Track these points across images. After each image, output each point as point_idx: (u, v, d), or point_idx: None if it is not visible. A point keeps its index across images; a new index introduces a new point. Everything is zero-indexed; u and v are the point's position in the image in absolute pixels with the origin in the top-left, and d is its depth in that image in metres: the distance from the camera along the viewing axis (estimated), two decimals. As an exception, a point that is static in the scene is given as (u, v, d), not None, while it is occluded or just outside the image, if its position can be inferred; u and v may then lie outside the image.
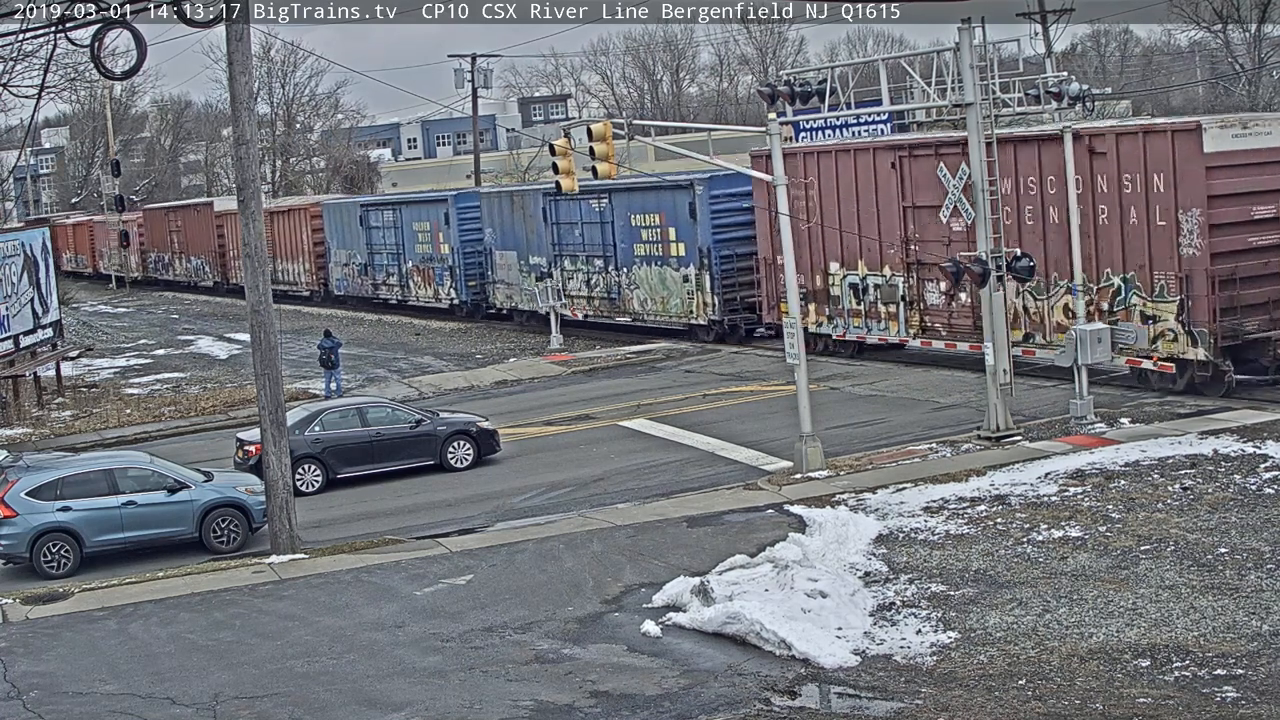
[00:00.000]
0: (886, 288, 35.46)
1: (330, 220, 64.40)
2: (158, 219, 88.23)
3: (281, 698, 16.74)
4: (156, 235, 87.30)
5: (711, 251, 41.35)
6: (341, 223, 63.15)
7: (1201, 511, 20.88)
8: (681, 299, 42.79)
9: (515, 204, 50.11)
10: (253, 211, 24.06)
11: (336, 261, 63.95)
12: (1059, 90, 26.80)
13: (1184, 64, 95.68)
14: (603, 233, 45.67)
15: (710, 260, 41.40)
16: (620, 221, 45.14)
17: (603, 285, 46.12)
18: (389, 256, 58.96)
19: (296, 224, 67.81)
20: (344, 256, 63.12)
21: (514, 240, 50.17)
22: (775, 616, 17.57)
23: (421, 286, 56.82)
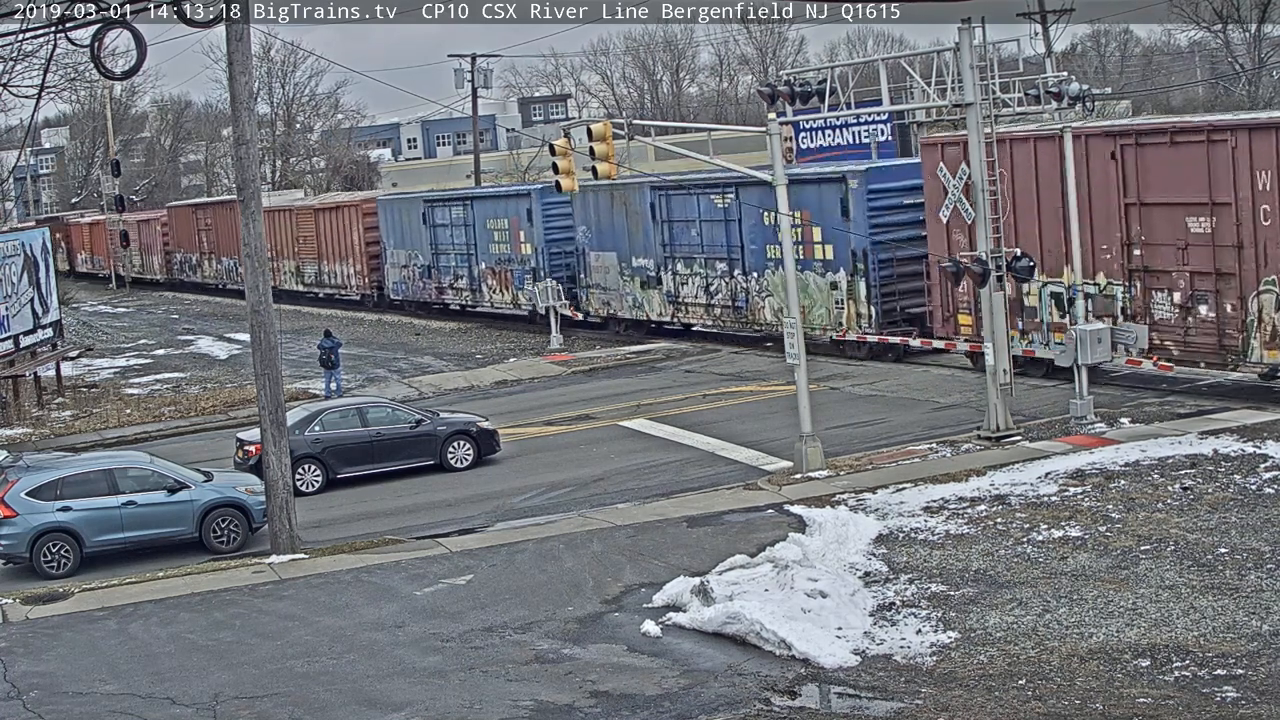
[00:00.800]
0: (1101, 299, 30.46)
1: (387, 217, 58.77)
2: (185, 217, 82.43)
3: (281, 698, 16.74)
4: (183, 234, 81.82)
5: (868, 255, 35.99)
6: (400, 220, 57.56)
7: (1201, 511, 20.88)
8: (828, 309, 37.32)
9: (616, 199, 44.82)
10: (253, 211, 24.06)
11: (393, 263, 58.27)
12: (1059, 90, 26.82)
13: (1184, 64, 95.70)
14: (727, 232, 40.42)
15: (867, 265, 36.09)
16: (750, 219, 39.47)
17: (725, 292, 40.82)
18: (457, 257, 53.47)
19: (346, 222, 62.06)
20: (402, 257, 57.54)
21: (613, 240, 45.12)
22: (775, 616, 17.57)
23: (496, 291, 51.48)
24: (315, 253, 64.98)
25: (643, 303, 44.18)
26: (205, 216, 78.52)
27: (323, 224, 63.67)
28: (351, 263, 62.10)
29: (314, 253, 65.06)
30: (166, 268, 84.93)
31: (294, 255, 67.53)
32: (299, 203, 69.98)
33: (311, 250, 65.26)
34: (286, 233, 67.12)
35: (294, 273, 67.20)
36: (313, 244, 64.95)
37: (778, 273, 37.70)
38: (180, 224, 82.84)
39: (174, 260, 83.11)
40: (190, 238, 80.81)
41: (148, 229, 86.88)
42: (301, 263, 66.51)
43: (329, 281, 64.05)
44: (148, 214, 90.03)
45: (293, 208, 68.29)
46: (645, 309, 44.02)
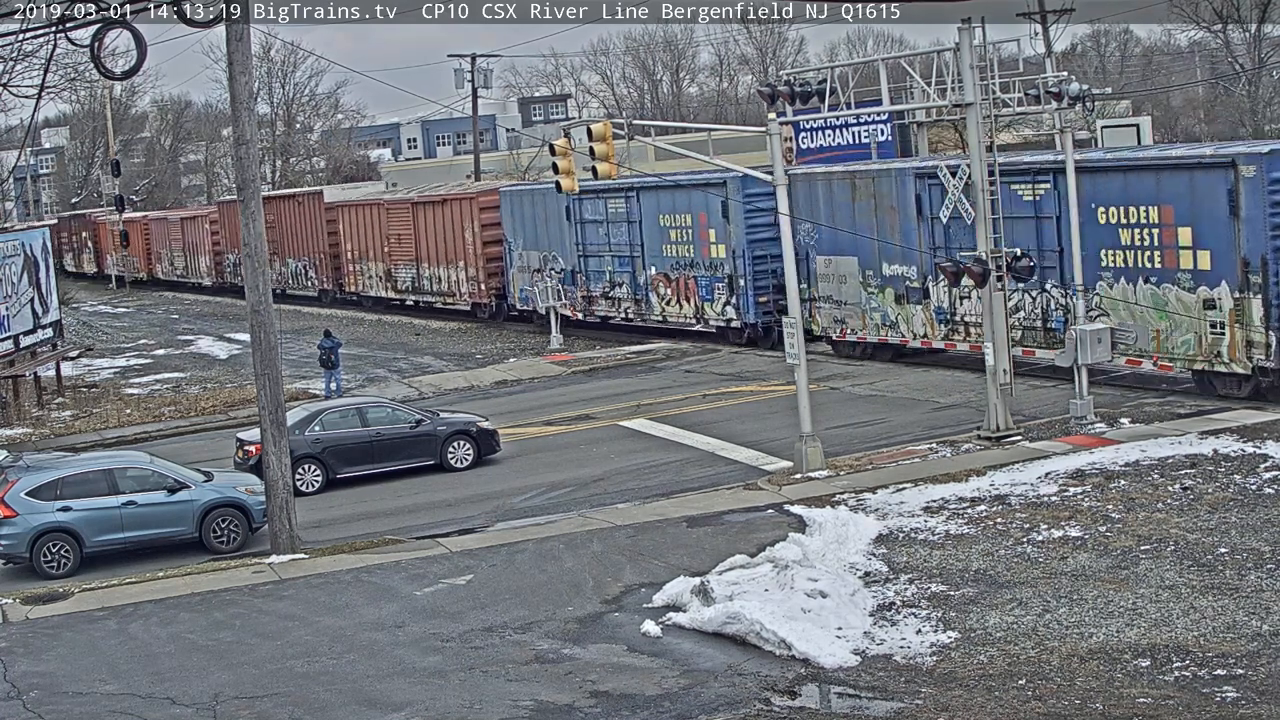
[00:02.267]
0: None
1: (513, 212, 50.42)
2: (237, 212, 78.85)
3: (281, 698, 16.74)
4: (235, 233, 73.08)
5: (1268, 264, 27.39)
6: (533, 215, 49.29)
7: (1201, 511, 20.88)
8: (1199, 335, 28.59)
9: (860, 188, 36.23)
10: (253, 211, 24.05)
11: (521, 266, 49.95)
12: (1059, 90, 26.82)
13: (1184, 64, 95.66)
14: (1039, 231, 31.53)
15: (1266, 277, 27.41)
16: (1077, 215, 29.62)
17: (1029, 307, 32.16)
18: (615, 260, 45.20)
19: (457, 218, 53.52)
20: (534, 259, 49.11)
21: (852, 240, 36.43)
22: (775, 616, 17.57)
23: (672, 301, 43.24)
24: (412, 254, 56.72)
25: (897, 321, 35.46)
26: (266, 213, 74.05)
27: (424, 220, 55.38)
28: (463, 266, 53.37)
29: (410, 254, 56.88)
30: (216, 270, 76.02)
31: (384, 257, 59.23)
32: (391, 196, 62.46)
33: (407, 252, 57.09)
34: (373, 231, 59.52)
35: (382, 277, 59.37)
36: (409, 244, 56.80)
37: (1120, 284, 29.92)
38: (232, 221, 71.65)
39: (223, 263, 74.25)
40: None
41: (193, 227, 79.11)
42: (394, 266, 58.31)
43: (431, 288, 55.40)
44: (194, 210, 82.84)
45: (381, 202, 60.54)
46: (901, 329, 35.33)
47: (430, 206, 55.33)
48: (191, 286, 79.28)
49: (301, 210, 66.55)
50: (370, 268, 60.45)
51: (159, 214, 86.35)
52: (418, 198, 57.06)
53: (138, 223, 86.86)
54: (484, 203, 52.08)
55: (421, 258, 56.03)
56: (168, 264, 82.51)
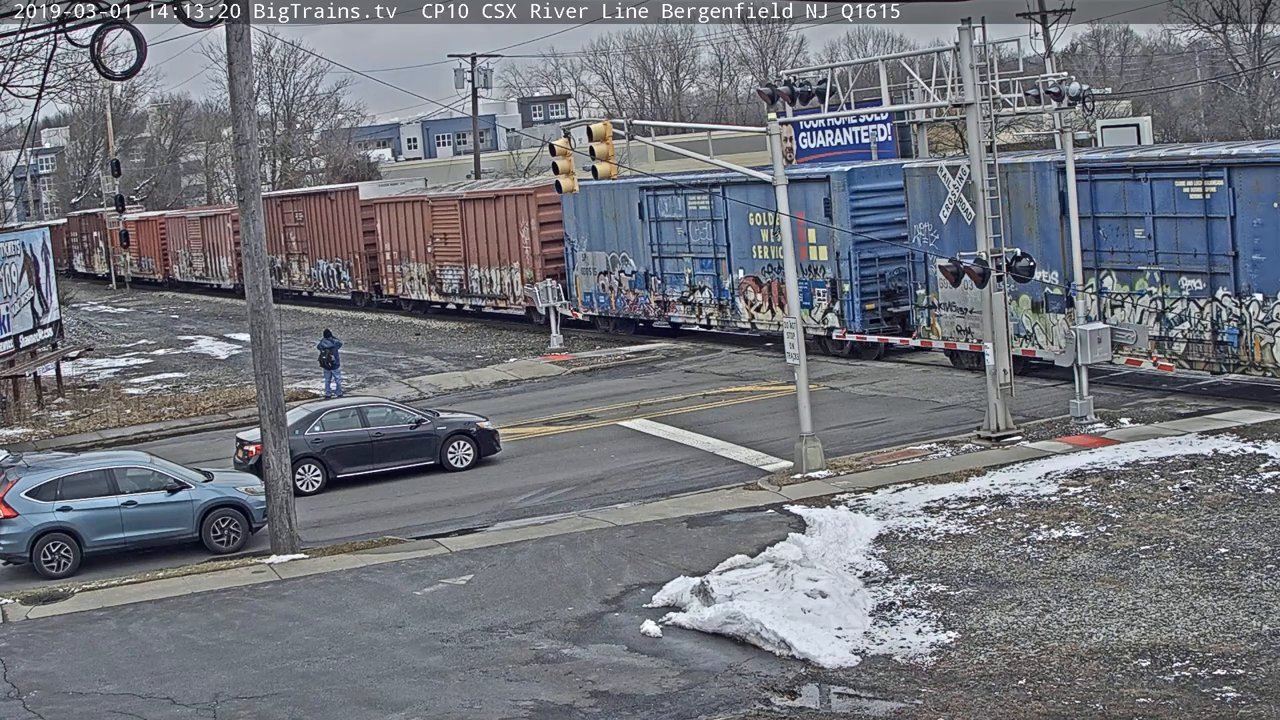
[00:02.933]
0: None
1: (577, 209, 46.41)
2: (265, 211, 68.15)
3: (281, 698, 16.74)
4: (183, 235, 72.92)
5: None
6: (599, 213, 45.58)
7: (1201, 511, 20.88)
8: None
9: None
10: (253, 211, 24.01)
11: (586, 267, 46.44)
12: (1059, 90, 26.84)
13: (1184, 64, 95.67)
14: (1209, 233, 28.12)
15: None
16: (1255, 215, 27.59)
17: (1197, 320, 28.59)
18: (696, 262, 41.59)
19: (511, 215, 49.44)
20: (600, 261, 45.75)
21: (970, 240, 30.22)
22: (775, 616, 17.57)
23: (762, 307, 39.71)
24: (459, 255, 52.82)
25: (1033, 331, 31.94)
26: (295, 210, 66.27)
27: (474, 218, 51.43)
28: (518, 268, 49.37)
29: (457, 255, 53.00)
30: (238, 272, 69.37)
31: (426, 258, 55.14)
32: (436, 193, 57.24)
33: (454, 252, 53.16)
34: (415, 229, 55.49)
35: (426, 279, 55.35)
36: (457, 243, 52.92)
37: None
38: None
39: None
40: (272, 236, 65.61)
41: (215, 226, 75.21)
42: (439, 267, 54.29)
43: (480, 290, 51.68)
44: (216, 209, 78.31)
45: (424, 198, 55.91)
46: (1037, 339, 31.81)
47: (481, 203, 50.93)
48: (211, 289, 75.88)
49: (334, 208, 62.40)
50: (412, 268, 56.31)
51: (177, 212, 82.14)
52: (466, 194, 52.72)
53: (153, 222, 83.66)
54: (544, 199, 47.59)
55: (470, 258, 52.03)
56: (185, 265, 78.65)
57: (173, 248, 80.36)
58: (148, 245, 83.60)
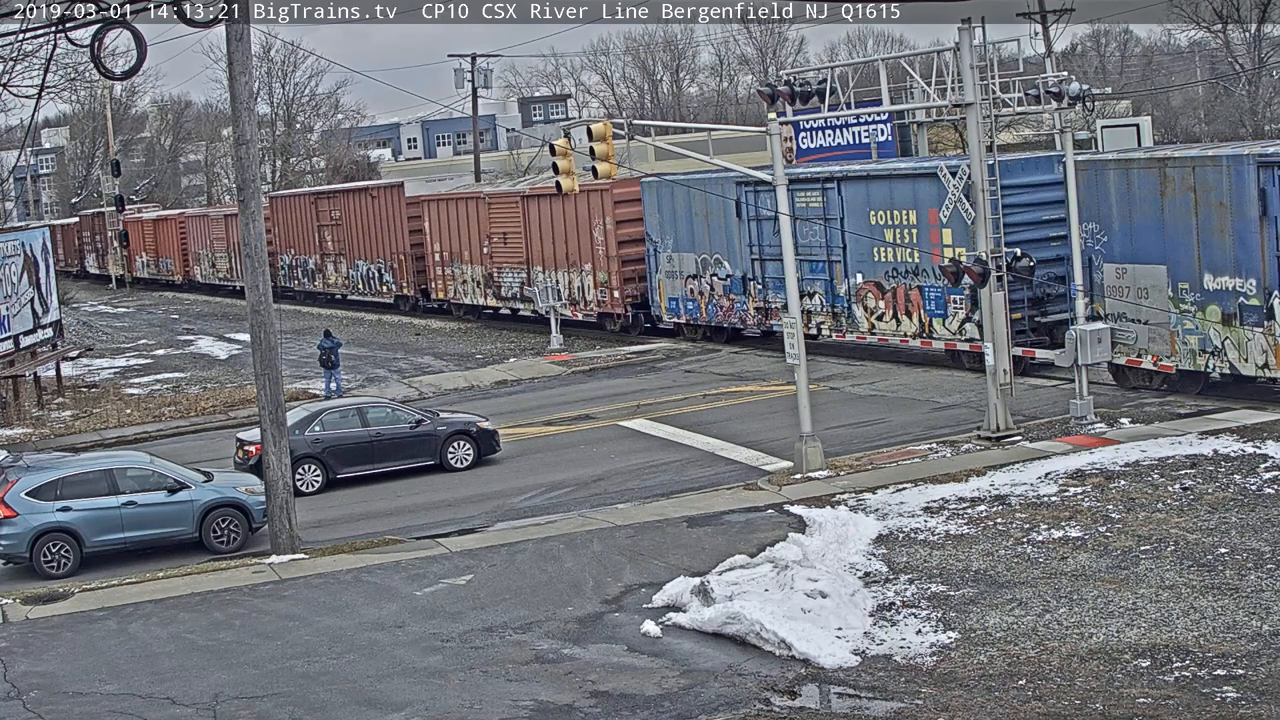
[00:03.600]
0: None
1: (660, 207, 42.48)
2: (298, 208, 64.86)
3: (281, 698, 16.75)
4: (294, 231, 65.43)
5: None
6: (688, 210, 41.46)
7: (1201, 511, 20.88)
8: None
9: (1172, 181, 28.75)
10: (253, 211, 24.01)
11: (671, 270, 42.49)
12: (1059, 90, 26.84)
13: (1184, 64, 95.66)
14: None
15: None
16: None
17: None
18: (804, 265, 36.78)
19: (583, 214, 45.47)
20: (688, 263, 41.86)
21: (1158, 245, 29.00)
22: (775, 616, 17.57)
23: (885, 315, 35.57)
24: (522, 256, 49.04)
25: (1223, 346, 28.22)
26: (331, 207, 62.15)
27: (538, 216, 47.60)
28: (589, 271, 45.73)
29: (519, 256, 49.22)
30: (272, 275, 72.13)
31: (482, 259, 51.24)
32: (494, 189, 53.21)
33: (515, 253, 49.32)
34: (469, 229, 51.83)
35: (482, 282, 51.56)
36: (519, 244, 49.13)
37: None
38: (289, 218, 65.89)
39: (279, 265, 65.79)
40: (305, 235, 64.04)
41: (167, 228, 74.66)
42: (496, 270, 50.56)
43: (546, 296, 47.58)
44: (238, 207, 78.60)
45: (480, 195, 51.78)
46: (1229, 356, 28.08)
47: (547, 200, 46.65)
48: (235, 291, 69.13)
49: (376, 205, 58.25)
50: (466, 271, 52.38)
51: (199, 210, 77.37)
52: (530, 189, 48.50)
53: (173, 220, 79.94)
54: (621, 195, 43.78)
55: (534, 260, 48.17)
56: (208, 266, 74.51)
57: (194, 248, 76.51)
58: (166, 245, 79.70)
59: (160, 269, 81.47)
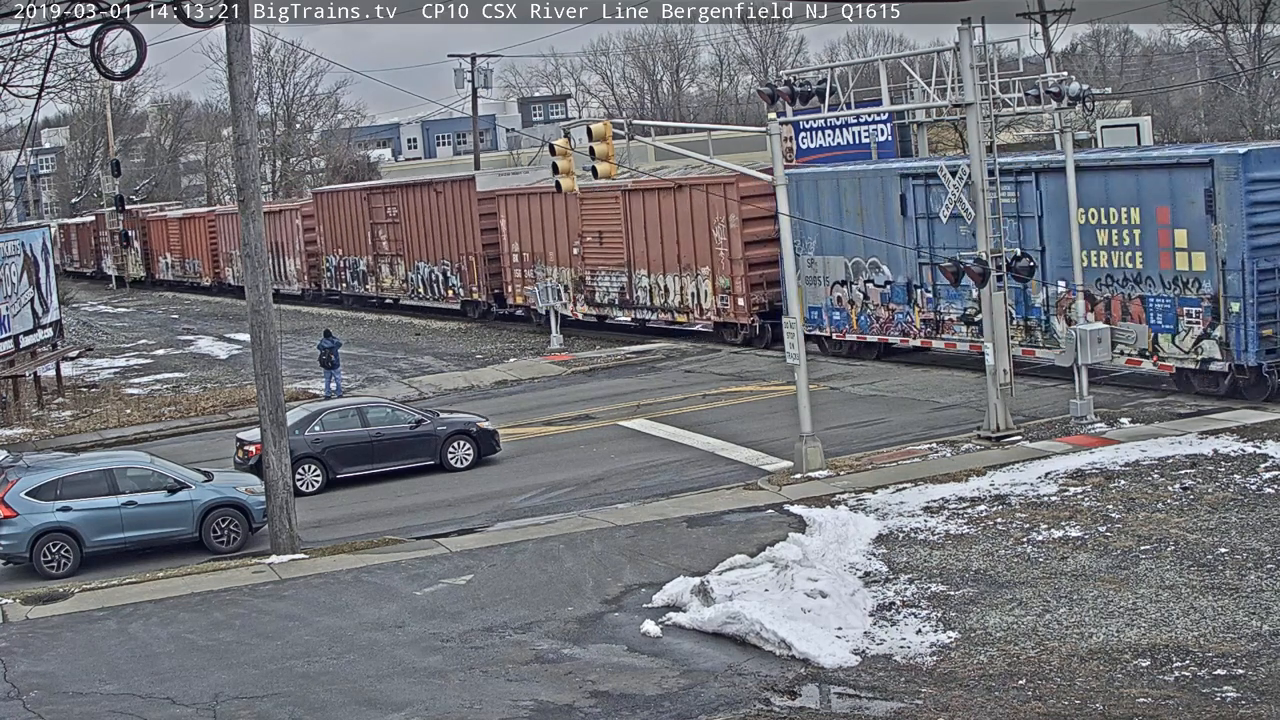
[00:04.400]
0: None
1: (802, 203, 36.94)
2: (348, 205, 60.45)
3: (281, 698, 16.74)
4: (343, 230, 61.03)
5: None
6: (836, 206, 36.77)
7: (1201, 511, 20.88)
8: None
9: None
10: (253, 211, 24.00)
11: (812, 275, 37.60)
12: (1059, 90, 26.84)
13: (1184, 64, 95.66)
14: None
15: None
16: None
17: None
18: None
19: (700, 210, 40.97)
20: (836, 268, 37.12)
21: None
22: (775, 616, 17.57)
23: None
24: (620, 258, 44.87)
25: None
26: (389, 203, 57.79)
27: (644, 213, 43.30)
28: (707, 275, 41.25)
29: (617, 259, 45.09)
30: (310, 275, 64.34)
31: (570, 261, 47.18)
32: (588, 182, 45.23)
33: (613, 255, 45.11)
34: (556, 227, 47.73)
35: (571, 286, 47.24)
36: (618, 244, 44.96)
37: None
38: (336, 215, 61.63)
39: (323, 267, 62.25)
40: (357, 235, 59.86)
41: (282, 223, 66.48)
42: (589, 273, 46.55)
43: (651, 301, 43.64)
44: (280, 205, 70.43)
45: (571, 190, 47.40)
46: None
47: (654, 195, 42.49)
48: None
49: (440, 202, 53.86)
50: (551, 273, 48.22)
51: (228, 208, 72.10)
52: (634, 183, 43.50)
53: (201, 218, 76.19)
54: (749, 189, 38.58)
55: (636, 262, 44.08)
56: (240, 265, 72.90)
57: (225, 248, 71.85)
58: (193, 245, 75.48)
59: (186, 271, 77.53)
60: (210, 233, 74.43)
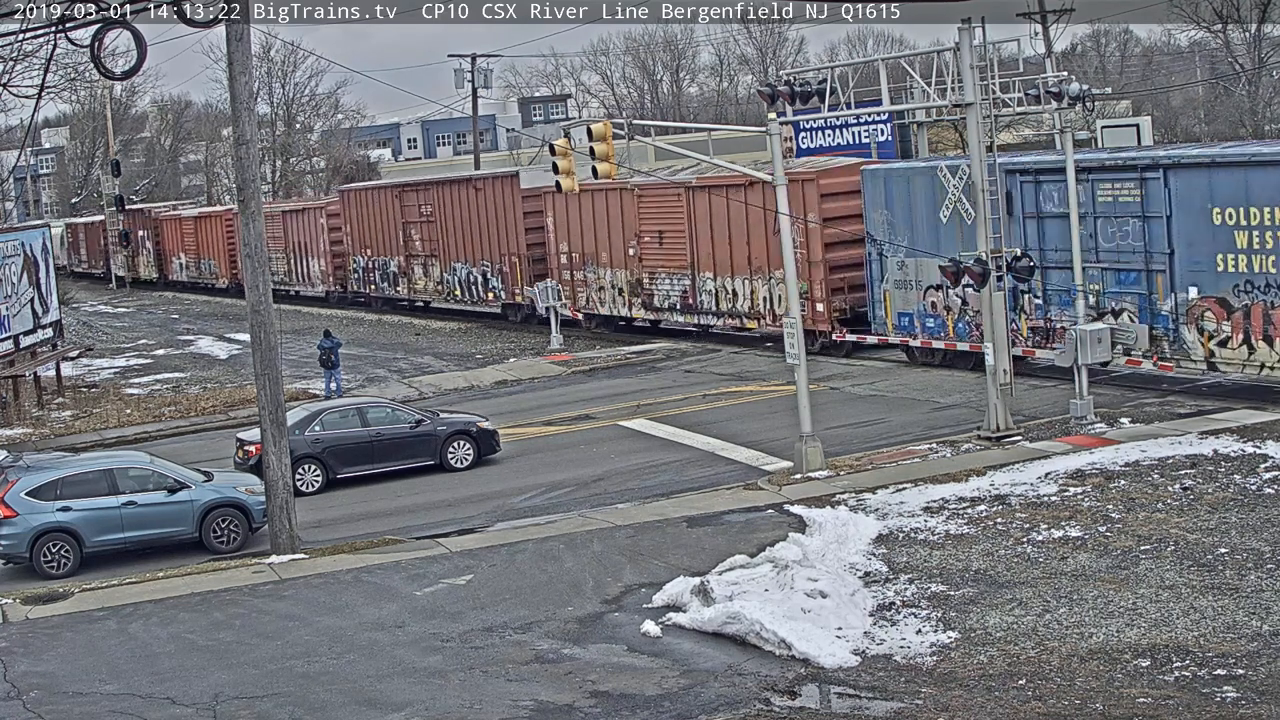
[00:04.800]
0: None
1: (887, 200, 35.12)
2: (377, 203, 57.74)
3: (281, 698, 16.74)
4: (372, 229, 58.16)
5: None
6: (929, 205, 33.60)
7: (1201, 511, 20.88)
8: None
9: None
10: (253, 211, 24.00)
11: (901, 279, 35.13)
12: (1059, 90, 26.84)
13: (1184, 64, 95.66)
14: None
15: None
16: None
17: None
18: (1109, 275, 30.13)
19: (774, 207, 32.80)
20: (928, 270, 33.77)
21: None
22: (775, 616, 17.57)
23: (1230, 341, 28.03)
24: (684, 259, 42.20)
25: None
26: (423, 201, 54.73)
27: (707, 211, 40.47)
28: (779, 278, 36.92)
29: (679, 260, 42.44)
30: (336, 276, 61.62)
31: (625, 263, 44.53)
32: (645, 179, 43.81)
33: (674, 256, 42.51)
34: (610, 226, 44.96)
35: (624, 289, 44.89)
36: (681, 243, 42.21)
37: None
38: (365, 214, 58.99)
39: (350, 267, 59.81)
40: (387, 234, 57.19)
41: (303, 222, 63.97)
42: (648, 274, 43.81)
43: (715, 306, 41.23)
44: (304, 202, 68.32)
45: (627, 185, 43.59)
46: None
47: (722, 192, 39.38)
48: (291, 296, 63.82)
49: (481, 199, 51.16)
50: (602, 275, 45.69)
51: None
52: (698, 179, 40.87)
53: (218, 217, 72.42)
54: (830, 185, 36.61)
55: (700, 264, 41.52)
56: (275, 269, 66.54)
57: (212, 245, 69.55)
58: (209, 245, 71.84)
59: (202, 272, 74.52)
60: (228, 232, 69.88)
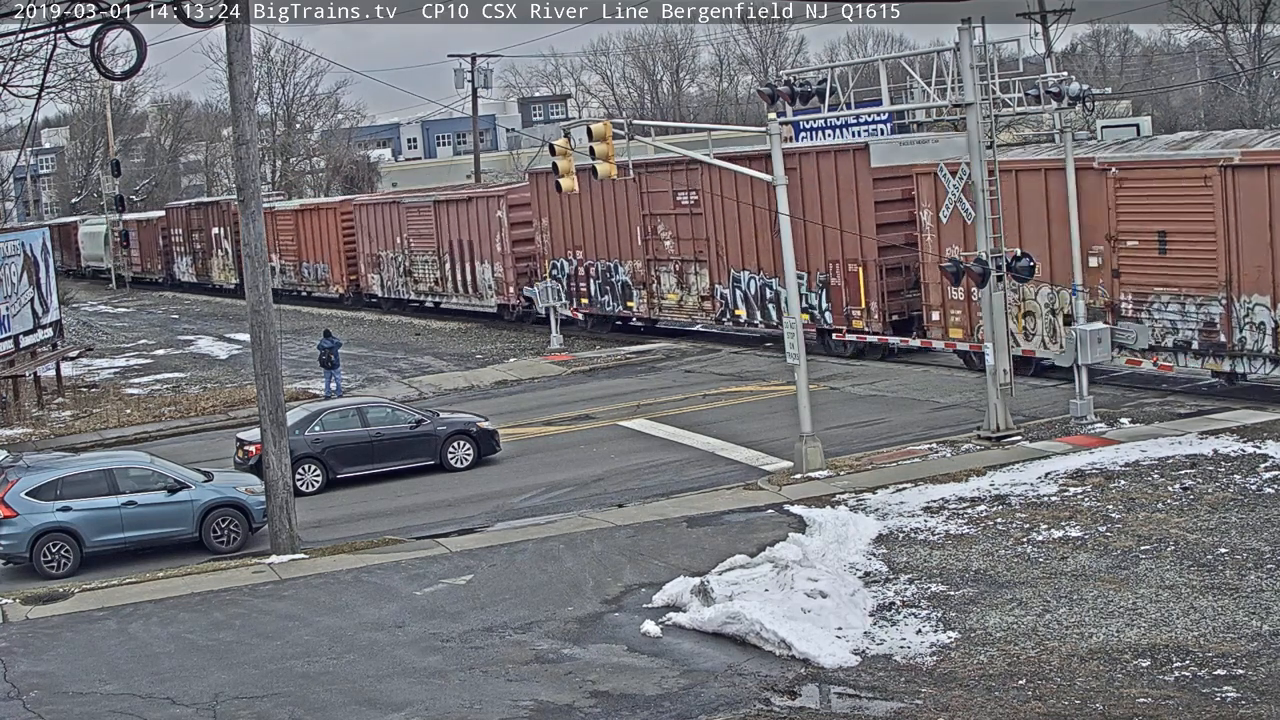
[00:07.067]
0: None
1: None
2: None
3: (281, 698, 16.74)
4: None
5: None
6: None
7: (1201, 511, 20.88)
8: None
9: None
10: (253, 211, 24.00)
11: None
12: (1059, 90, 26.83)
13: (1184, 64, 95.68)
14: None
15: None
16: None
17: None
18: None
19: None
20: None
21: None
22: (775, 616, 17.57)
23: None
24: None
25: None
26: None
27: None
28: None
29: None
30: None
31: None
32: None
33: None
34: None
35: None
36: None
37: None
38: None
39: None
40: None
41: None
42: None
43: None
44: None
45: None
46: None
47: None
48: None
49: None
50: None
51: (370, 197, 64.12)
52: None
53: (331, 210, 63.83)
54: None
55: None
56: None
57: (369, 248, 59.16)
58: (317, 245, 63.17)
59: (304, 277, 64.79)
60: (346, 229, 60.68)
